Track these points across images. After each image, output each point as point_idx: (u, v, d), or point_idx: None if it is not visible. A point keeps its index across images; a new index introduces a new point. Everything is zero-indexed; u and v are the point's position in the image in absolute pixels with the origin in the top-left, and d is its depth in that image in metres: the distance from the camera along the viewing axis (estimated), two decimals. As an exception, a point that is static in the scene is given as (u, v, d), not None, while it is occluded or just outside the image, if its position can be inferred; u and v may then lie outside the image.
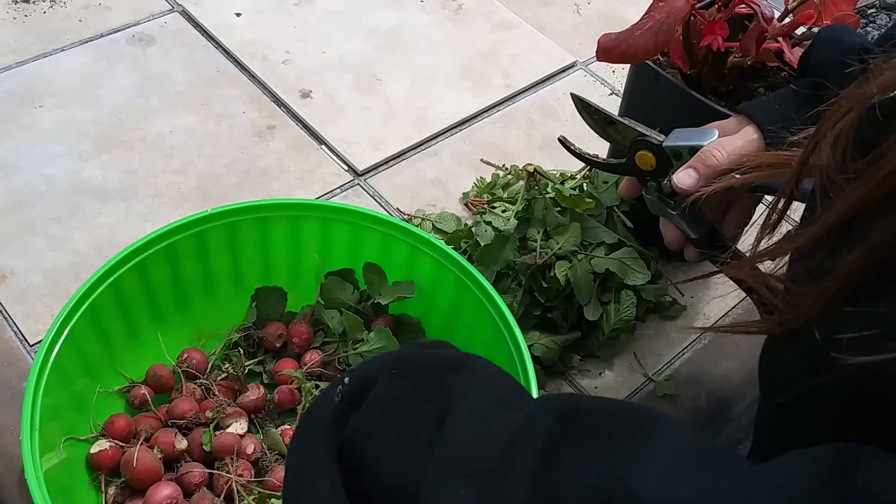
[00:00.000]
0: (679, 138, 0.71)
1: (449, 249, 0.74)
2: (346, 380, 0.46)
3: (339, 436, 0.44)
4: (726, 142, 0.68)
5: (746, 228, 0.75)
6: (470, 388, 0.43)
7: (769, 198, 0.76)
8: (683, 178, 0.69)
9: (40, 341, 0.77)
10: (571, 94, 0.77)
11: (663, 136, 0.72)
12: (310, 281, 0.78)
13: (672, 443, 0.39)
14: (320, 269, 0.78)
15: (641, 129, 0.73)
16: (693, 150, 0.70)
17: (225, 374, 0.75)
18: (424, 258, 0.75)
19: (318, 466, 0.43)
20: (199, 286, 0.77)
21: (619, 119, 0.75)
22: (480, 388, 0.44)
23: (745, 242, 0.76)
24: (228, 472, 0.67)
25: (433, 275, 0.76)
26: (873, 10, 2.95)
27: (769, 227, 0.55)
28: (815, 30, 0.78)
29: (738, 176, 0.65)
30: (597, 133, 0.77)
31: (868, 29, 2.85)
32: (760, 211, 0.73)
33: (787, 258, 0.50)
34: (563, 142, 0.78)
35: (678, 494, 0.35)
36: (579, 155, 0.78)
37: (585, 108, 0.76)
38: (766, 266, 0.52)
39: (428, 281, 0.76)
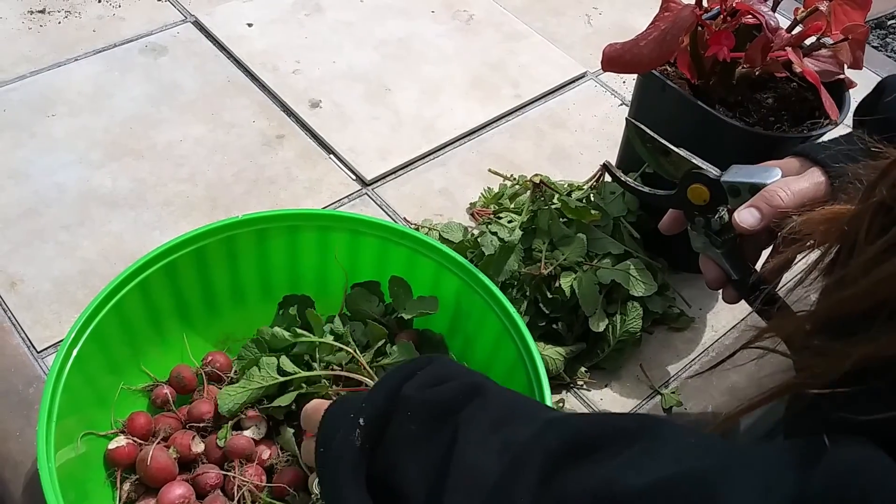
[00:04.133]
0: (739, 174, 0.68)
1: (475, 269, 0.73)
2: (361, 421, 0.50)
3: (369, 474, 0.49)
4: (792, 182, 0.65)
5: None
6: (477, 415, 0.48)
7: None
8: (746, 216, 0.65)
9: (47, 348, 0.79)
10: (627, 118, 0.76)
11: (718, 170, 0.70)
12: (337, 291, 0.78)
13: (668, 444, 0.43)
14: (347, 281, 0.77)
15: (697, 161, 0.71)
16: (753, 188, 0.67)
17: None
18: (450, 276, 0.74)
19: None
20: (228, 290, 0.77)
21: (675, 149, 0.72)
22: (487, 412, 0.49)
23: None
24: (239, 474, 0.67)
25: (458, 293, 0.75)
26: (893, 20, 2.93)
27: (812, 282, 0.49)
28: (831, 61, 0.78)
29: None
30: (647, 162, 0.75)
31: (888, 41, 2.83)
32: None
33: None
34: (608, 168, 0.76)
35: (662, 474, 0.40)
36: (625, 184, 0.76)
37: (640, 136, 0.74)
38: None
39: (453, 298, 0.76)
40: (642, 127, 0.73)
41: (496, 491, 0.44)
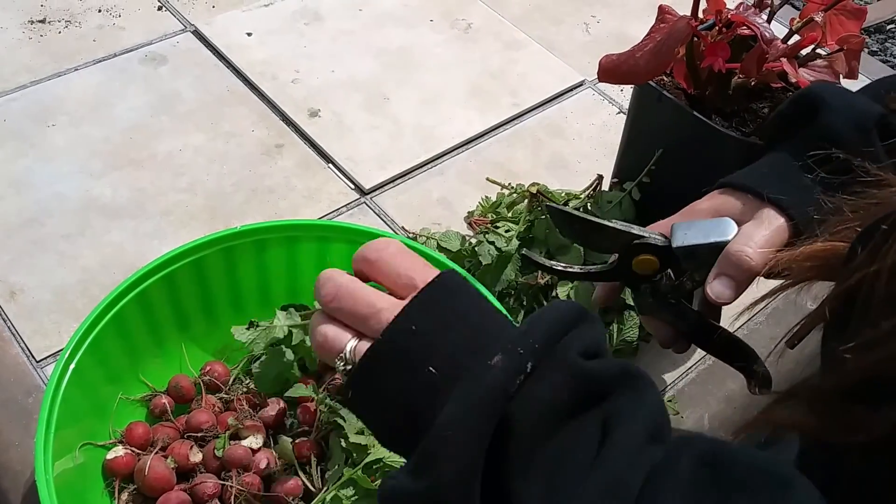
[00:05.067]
0: (691, 236, 0.62)
1: (473, 279, 0.72)
2: (529, 365, 0.42)
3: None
4: (754, 235, 0.60)
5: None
6: (631, 412, 0.42)
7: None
8: (720, 289, 0.60)
9: (47, 357, 0.79)
10: (547, 206, 0.67)
11: (658, 236, 0.64)
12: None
13: None
14: None
15: (636, 230, 0.64)
16: (714, 248, 0.61)
17: (246, 388, 0.75)
18: None
19: None
20: (226, 301, 0.78)
21: (609, 224, 0.64)
22: (638, 415, 0.43)
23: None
24: (236, 483, 0.67)
25: None
26: (892, 25, 2.93)
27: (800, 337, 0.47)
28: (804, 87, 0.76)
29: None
30: (576, 243, 0.68)
31: (887, 45, 2.83)
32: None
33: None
34: (528, 256, 0.70)
35: None
36: (549, 269, 0.68)
37: (566, 220, 0.67)
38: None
39: None
40: (568, 210, 0.67)
41: None
